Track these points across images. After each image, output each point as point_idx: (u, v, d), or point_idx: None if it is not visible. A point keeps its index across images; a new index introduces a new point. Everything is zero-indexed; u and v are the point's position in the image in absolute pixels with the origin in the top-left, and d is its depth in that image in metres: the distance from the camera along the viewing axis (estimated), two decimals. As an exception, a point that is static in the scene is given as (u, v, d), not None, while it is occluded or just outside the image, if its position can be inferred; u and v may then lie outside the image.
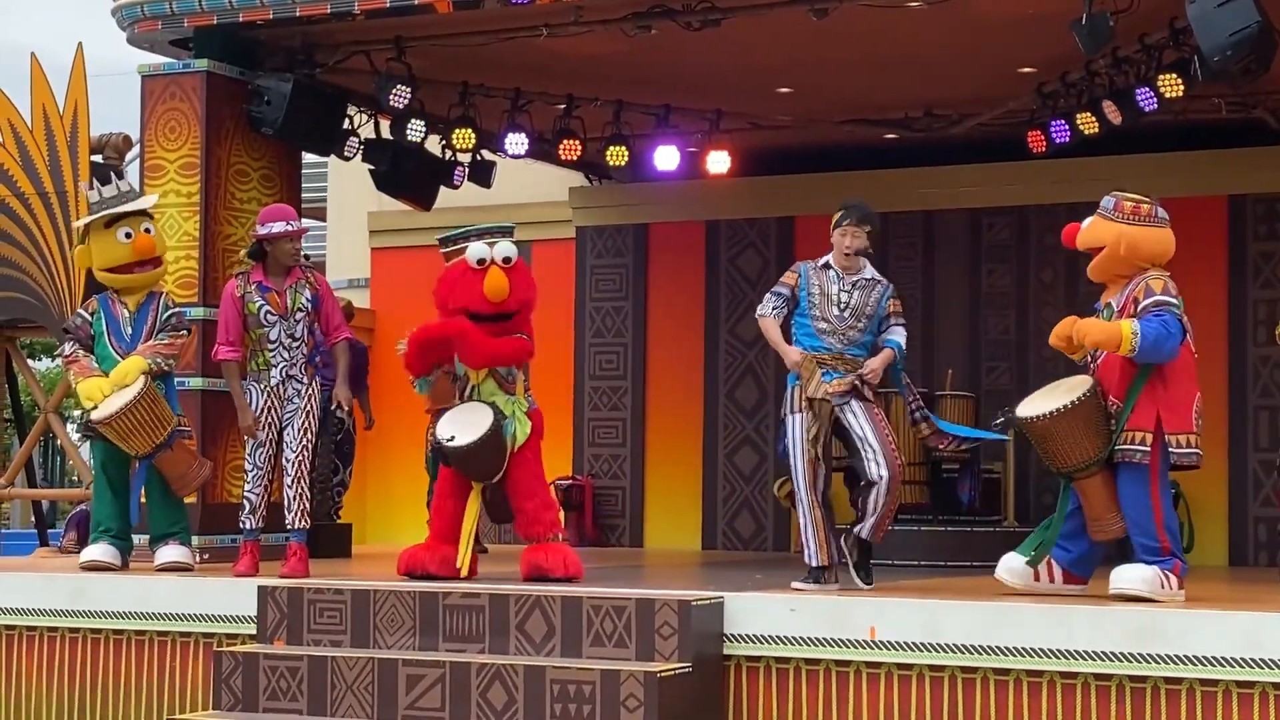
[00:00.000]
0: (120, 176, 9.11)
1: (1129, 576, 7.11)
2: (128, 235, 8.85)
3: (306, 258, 8.79)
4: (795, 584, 7.69)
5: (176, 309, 8.96)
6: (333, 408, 8.68)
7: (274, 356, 8.46)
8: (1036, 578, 7.37)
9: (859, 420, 7.71)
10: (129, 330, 8.84)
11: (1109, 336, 7.10)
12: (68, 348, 8.89)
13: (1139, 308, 7.19)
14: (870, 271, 7.92)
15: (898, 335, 7.89)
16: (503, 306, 8.12)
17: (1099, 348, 7.21)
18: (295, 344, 8.47)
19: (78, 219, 9.31)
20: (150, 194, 9.17)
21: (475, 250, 8.14)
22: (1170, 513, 7.26)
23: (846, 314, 7.81)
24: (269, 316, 8.43)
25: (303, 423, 8.46)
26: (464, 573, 8.17)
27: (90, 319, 8.86)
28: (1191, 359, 7.30)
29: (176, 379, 9.07)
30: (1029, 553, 7.43)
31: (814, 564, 7.73)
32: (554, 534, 8.27)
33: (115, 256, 8.84)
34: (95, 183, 9.01)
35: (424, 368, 8.24)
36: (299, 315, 8.47)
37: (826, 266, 7.88)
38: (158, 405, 8.66)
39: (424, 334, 8.20)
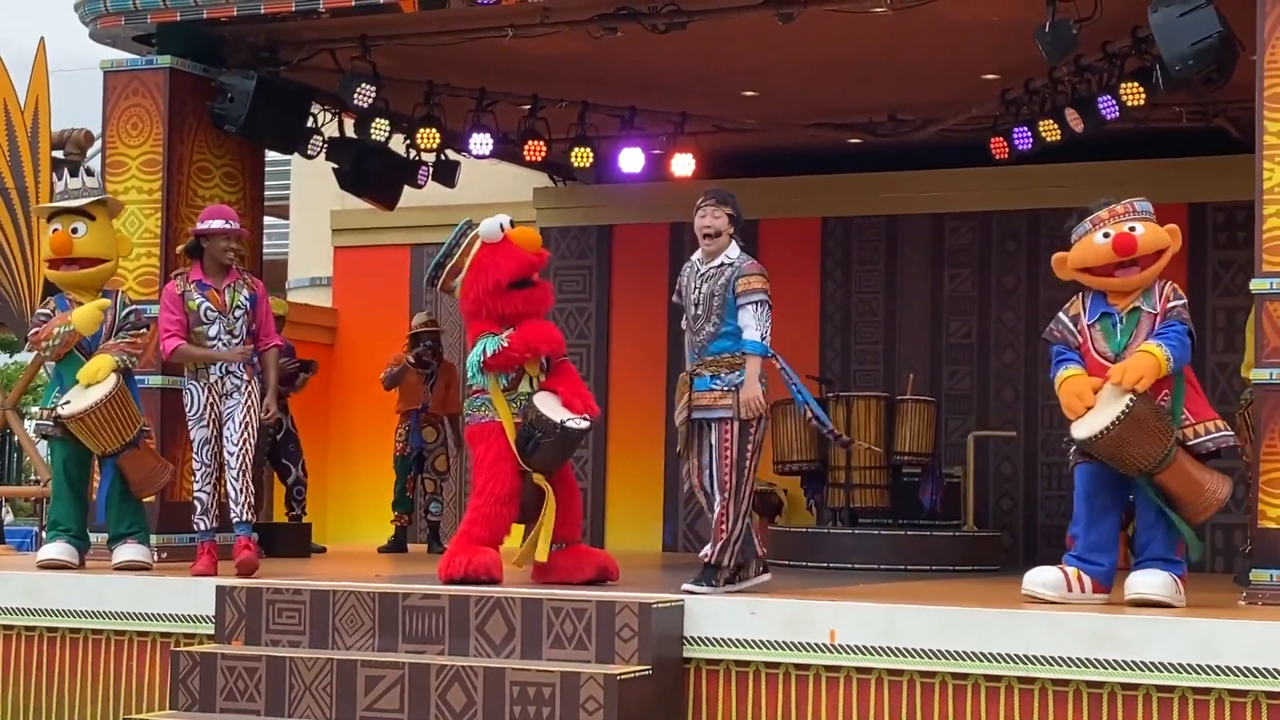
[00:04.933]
0: (90, 174, 9.04)
1: (1150, 582, 7.13)
2: (56, 230, 8.81)
3: (242, 258, 8.77)
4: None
5: (134, 306, 8.94)
6: (265, 417, 8.62)
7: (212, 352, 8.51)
8: (1069, 588, 7.27)
9: (710, 440, 7.59)
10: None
11: (1152, 369, 7.09)
12: (32, 333, 8.83)
13: (1170, 307, 7.28)
14: (724, 258, 7.62)
15: (751, 331, 7.50)
16: (540, 258, 8.16)
17: (1145, 381, 7.10)
18: (234, 341, 8.53)
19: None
20: (95, 195, 9.05)
21: (489, 226, 8.13)
22: None
23: (699, 313, 7.61)
24: (209, 313, 8.50)
25: (243, 418, 8.48)
26: (522, 565, 8.11)
27: (50, 315, 8.81)
28: None
29: (136, 377, 9.03)
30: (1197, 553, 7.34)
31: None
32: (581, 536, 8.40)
33: (45, 250, 8.86)
34: (65, 174, 8.97)
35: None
36: (238, 313, 8.54)
37: (692, 262, 7.73)
38: (127, 404, 8.65)
39: (510, 360, 8.06)
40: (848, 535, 10.40)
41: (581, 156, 11.30)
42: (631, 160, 11.55)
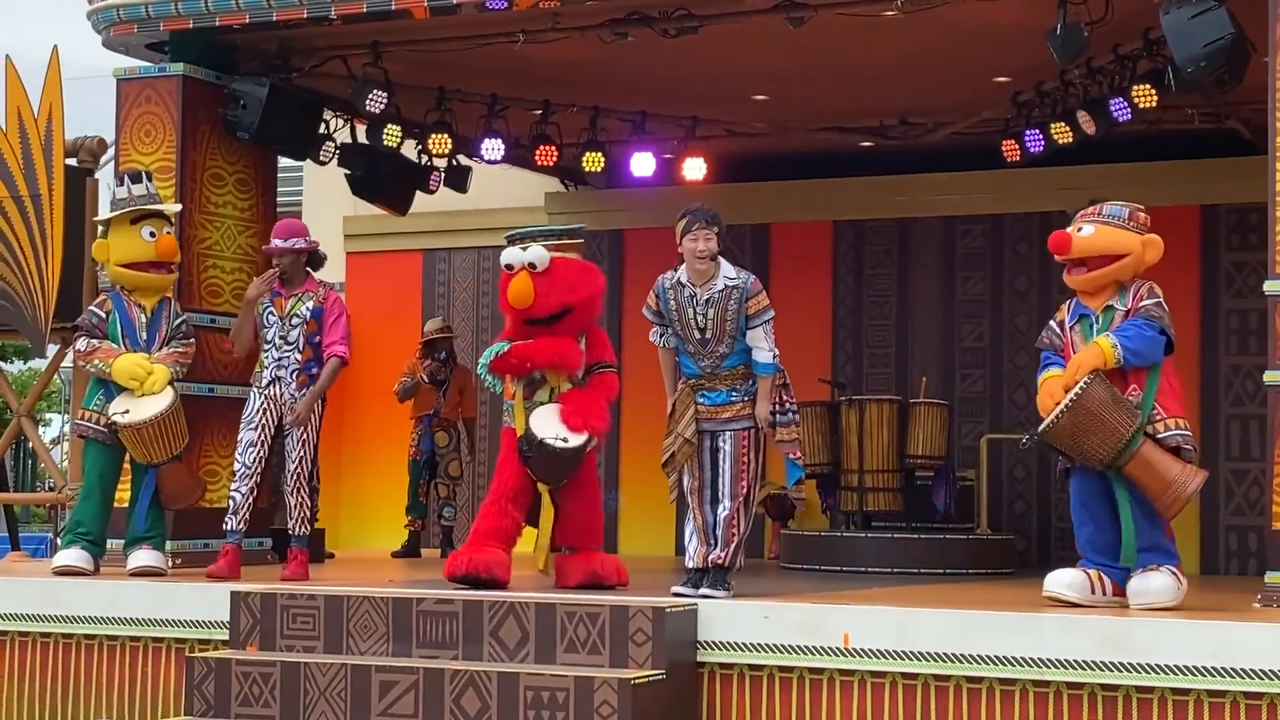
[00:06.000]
0: (150, 179, 9.11)
1: (1154, 588, 7.13)
2: (152, 234, 8.91)
3: (285, 273, 8.81)
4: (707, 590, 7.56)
5: (184, 316, 9.03)
6: (292, 419, 8.63)
7: (266, 357, 8.71)
8: (1092, 590, 7.27)
9: (725, 448, 7.62)
10: (144, 335, 8.89)
11: (1094, 358, 7.22)
12: (81, 343, 8.84)
13: (1140, 305, 7.32)
14: (722, 281, 7.61)
15: (762, 353, 7.57)
16: (532, 312, 8.00)
17: (1082, 370, 7.21)
18: (287, 347, 8.66)
19: (99, 214, 9.32)
20: (158, 200, 9.17)
21: (505, 255, 8.07)
22: None
23: (708, 336, 7.62)
24: (269, 317, 8.72)
25: (302, 434, 8.64)
26: (548, 572, 8.07)
27: (105, 317, 8.87)
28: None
29: None
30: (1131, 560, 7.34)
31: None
32: (599, 544, 8.29)
33: (136, 253, 8.89)
34: (127, 180, 9.03)
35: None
36: (294, 320, 8.68)
37: (681, 284, 7.67)
38: (180, 418, 8.75)
39: (506, 369, 8.08)
40: (861, 539, 10.40)
41: (593, 161, 11.31)
42: (643, 164, 11.56)
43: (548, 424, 7.96)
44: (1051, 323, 7.59)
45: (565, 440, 7.90)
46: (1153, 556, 7.25)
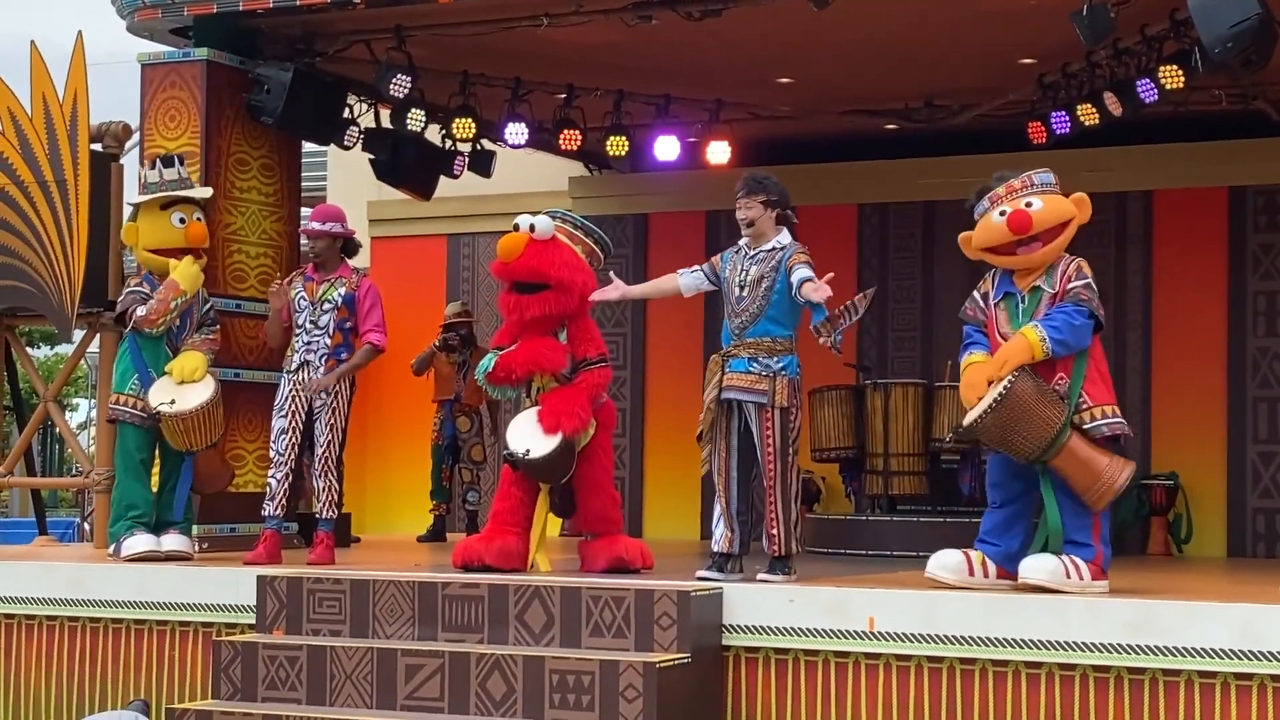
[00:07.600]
0: (181, 163, 9.12)
1: (1044, 567, 7.05)
2: (181, 220, 8.95)
3: (318, 257, 8.84)
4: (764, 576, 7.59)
5: (211, 303, 9.07)
6: (312, 385, 8.64)
7: (296, 341, 8.74)
8: (970, 572, 7.21)
9: (754, 430, 7.59)
10: (175, 320, 8.90)
11: (1020, 353, 7.03)
12: (141, 310, 8.82)
13: (1069, 287, 7.15)
14: (774, 243, 7.69)
15: (803, 271, 7.51)
16: (512, 270, 8.01)
17: (1008, 366, 7.07)
18: (317, 331, 8.68)
19: (125, 199, 9.37)
20: (190, 185, 9.18)
21: (518, 218, 8.11)
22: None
23: (744, 294, 7.64)
24: (301, 301, 8.76)
25: (329, 418, 8.66)
26: (544, 568, 8.06)
27: (149, 296, 8.89)
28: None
29: None
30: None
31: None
32: (620, 529, 8.30)
33: (165, 239, 8.94)
34: (158, 163, 9.04)
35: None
36: (325, 305, 8.71)
37: (740, 247, 7.77)
38: (219, 407, 8.79)
39: (496, 380, 8.15)
40: (886, 522, 10.39)
41: (617, 145, 11.30)
42: (667, 148, 11.54)
43: (519, 434, 7.96)
44: (975, 294, 7.38)
45: (528, 452, 7.89)
46: (1072, 549, 7.12)
